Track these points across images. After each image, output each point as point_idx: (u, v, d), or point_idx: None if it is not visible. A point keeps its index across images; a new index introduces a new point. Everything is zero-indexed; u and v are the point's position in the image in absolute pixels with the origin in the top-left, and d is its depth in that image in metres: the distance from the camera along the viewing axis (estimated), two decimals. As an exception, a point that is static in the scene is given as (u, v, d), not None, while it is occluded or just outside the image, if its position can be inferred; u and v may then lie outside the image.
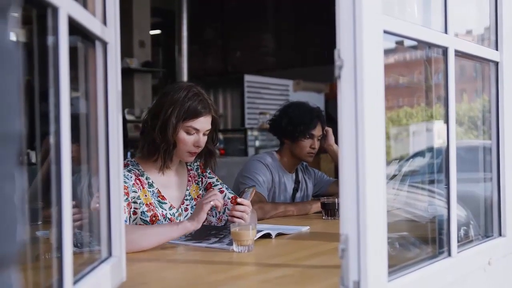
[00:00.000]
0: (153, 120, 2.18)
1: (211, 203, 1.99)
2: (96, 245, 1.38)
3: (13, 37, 0.62)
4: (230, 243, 1.92)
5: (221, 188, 2.39)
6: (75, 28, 1.12)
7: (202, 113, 2.18)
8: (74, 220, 1.55)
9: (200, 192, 2.37)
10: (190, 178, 2.36)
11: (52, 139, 1.01)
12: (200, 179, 2.39)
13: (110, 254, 1.37)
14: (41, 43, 1.05)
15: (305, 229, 2.36)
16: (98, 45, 1.34)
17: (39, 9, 1.02)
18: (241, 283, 1.54)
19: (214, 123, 2.25)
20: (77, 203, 1.33)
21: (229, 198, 2.35)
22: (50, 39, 1.02)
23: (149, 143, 2.18)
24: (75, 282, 1.08)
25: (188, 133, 2.17)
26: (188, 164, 2.38)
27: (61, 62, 1.01)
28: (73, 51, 1.09)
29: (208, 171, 2.42)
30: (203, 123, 2.19)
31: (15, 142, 0.60)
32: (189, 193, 2.33)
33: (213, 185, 2.39)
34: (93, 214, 1.46)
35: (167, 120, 2.13)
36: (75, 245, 1.20)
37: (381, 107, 1.21)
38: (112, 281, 1.33)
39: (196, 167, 2.41)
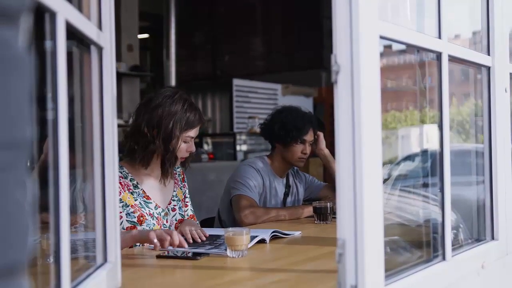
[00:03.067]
0: (151, 131, 2.22)
1: (157, 243, 1.91)
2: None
3: (23, 43, 0.62)
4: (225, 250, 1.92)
5: (187, 202, 2.50)
6: (70, 32, 1.11)
7: (199, 123, 2.31)
8: None
9: (183, 196, 2.47)
10: (176, 181, 2.45)
11: (49, 144, 1.01)
12: (182, 184, 2.50)
13: (105, 260, 1.37)
14: (38, 48, 1.05)
15: (297, 233, 2.36)
16: (93, 50, 1.34)
17: (36, 14, 1.01)
18: (237, 288, 1.54)
19: (200, 126, 2.38)
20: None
21: (188, 215, 2.45)
22: (47, 44, 1.02)
23: (149, 153, 2.25)
24: (72, 289, 1.07)
25: (185, 142, 2.29)
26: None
27: (59, 67, 1.01)
28: (68, 56, 1.08)
29: (185, 181, 2.53)
30: (197, 130, 2.33)
31: (26, 149, 0.60)
32: (176, 194, 2.42)
33: (186, 196, 2.51)
34: (88, 220, 1.45)
35: (170, 133, 2.23)
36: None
37: (378, 111, 1.21)
38: (108, 287, 1.32)
39: (178, 173, 2.50)
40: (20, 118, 0.59)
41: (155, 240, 1.90)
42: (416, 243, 1.73)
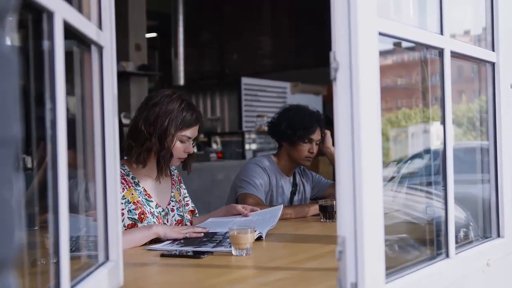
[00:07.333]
0: (148, 128, 2.26)
1: (186, 235, 2.15)
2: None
3: (10, 42, 0.63)
4: (230, 246, 1.92)
5: (188, 201, 2.56)
6: (70, 32, 1.12)
7: (196, 123, 2.33)
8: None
9: (180, 197, 2.50)
10: (173, 182, 2.49)
11: (48, 144, 1.01)
12: (179, 186, 2.53)
13: (107, 258, 1.37)
14: (36, 47, 1.05)
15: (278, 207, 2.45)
16: (94, 49, 1.34)
17: (34, 14, 1.01)
18: (239, 286, 1.54)
19: (200, 129, 2.40)
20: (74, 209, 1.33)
21: (189, 210, 2.52)
22: (45, 44, 1.02)
23: (145, 151, 2.28)
24: (72, 287, 1.08)
25: (182, 141, 2.32)
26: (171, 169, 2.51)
27: (57, 67, 1.01)
28: (68, 55, 1.09)
29: (182, 183, 2.57)
30: (195, 131, 2.35)
31: (13, 147, 0.61)
32: (174, 195, 2.45)
33: (185, 196, 2.55)
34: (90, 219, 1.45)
35: (165, 130, 2.26)
36: (71, 249, 1.20)
37: (377, 109, 1.21)
38: (109, 285, 1.32)
39: (175, 174, 2.54)
40: (7, 116, 0.60)
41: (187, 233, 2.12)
42: (421, 241, 1.72)
